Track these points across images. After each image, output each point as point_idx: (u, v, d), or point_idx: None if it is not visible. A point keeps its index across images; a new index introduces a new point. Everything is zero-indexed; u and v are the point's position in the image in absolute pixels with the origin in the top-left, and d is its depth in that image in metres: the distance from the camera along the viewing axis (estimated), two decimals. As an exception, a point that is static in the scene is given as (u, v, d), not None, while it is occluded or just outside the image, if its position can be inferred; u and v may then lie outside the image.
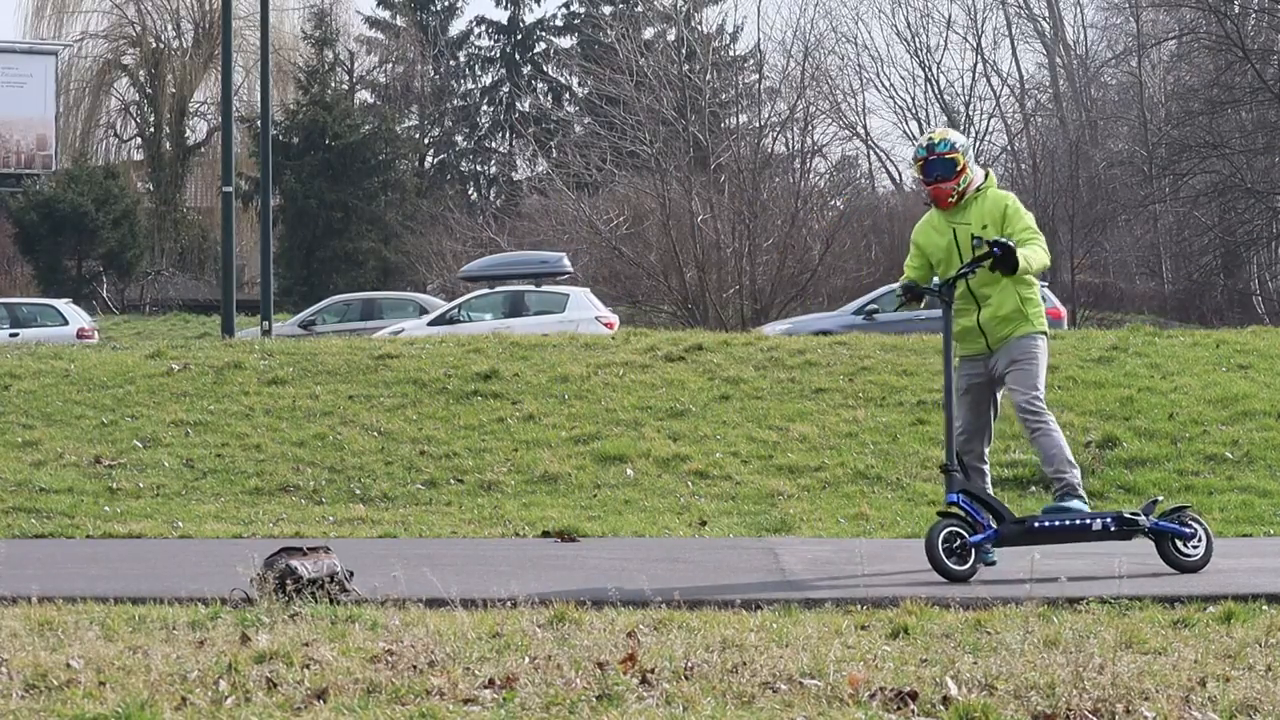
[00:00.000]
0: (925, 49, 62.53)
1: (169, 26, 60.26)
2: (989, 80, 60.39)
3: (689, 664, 6.00)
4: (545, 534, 11.23)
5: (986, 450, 9.29)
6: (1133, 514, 8.93)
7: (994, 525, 8.75)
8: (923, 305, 9.50)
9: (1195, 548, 8.91)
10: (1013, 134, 59.18)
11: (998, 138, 60.52)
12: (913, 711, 5.42)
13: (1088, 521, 8.86)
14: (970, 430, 9.21)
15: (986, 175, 9.32)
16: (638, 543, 10.98)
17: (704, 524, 11.86)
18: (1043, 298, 9.73)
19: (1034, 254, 8.96)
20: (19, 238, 52.02)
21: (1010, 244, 8.79)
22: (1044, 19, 60.14)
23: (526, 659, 6.16)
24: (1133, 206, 48.04)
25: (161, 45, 59.90)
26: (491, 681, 5.78)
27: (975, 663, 6.12)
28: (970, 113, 60.38)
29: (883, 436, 14.03)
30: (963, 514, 8.72)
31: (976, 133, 60.56)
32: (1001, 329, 9.12)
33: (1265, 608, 7.59)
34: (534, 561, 9.67)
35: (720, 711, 5.41)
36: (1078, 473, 9.09)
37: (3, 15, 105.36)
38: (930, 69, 60.29)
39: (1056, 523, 8.85)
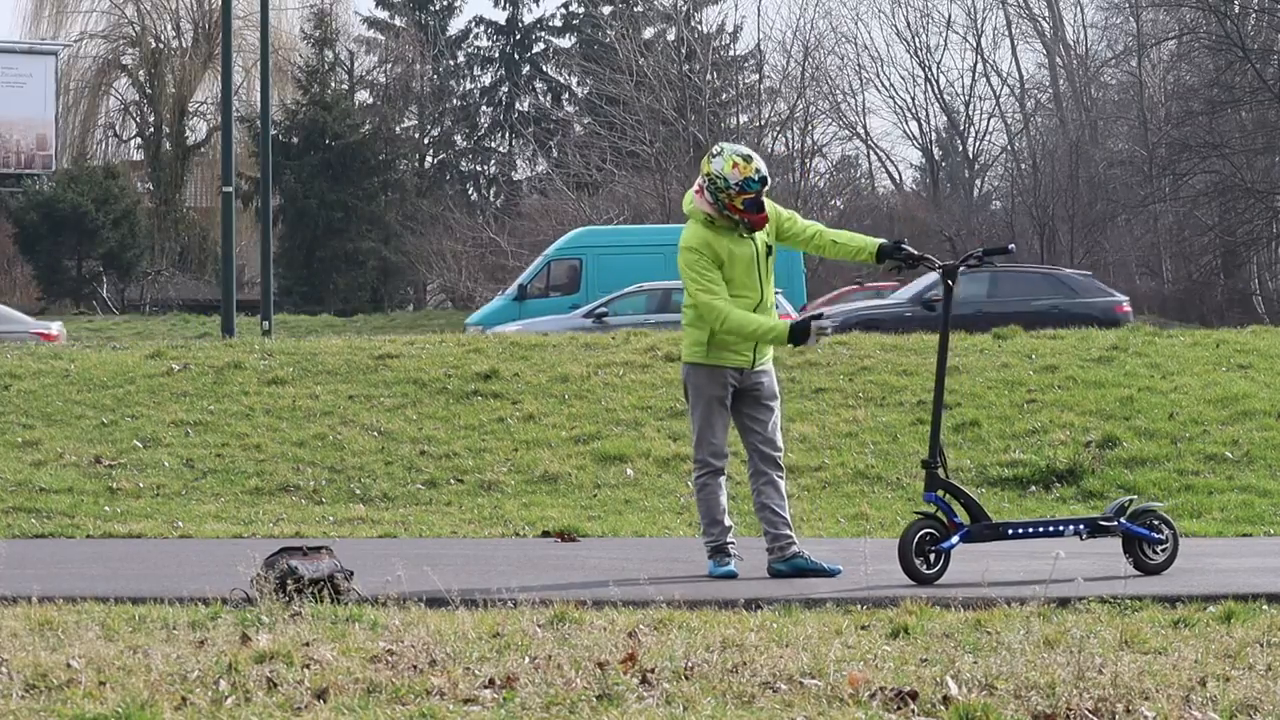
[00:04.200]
0: (925, 49, 62.47)
1: (168, 26, 60.30)
2: (989, 80, 60.43)
3: (689, 664, 6.00)
4: (545, 534, 11.23)
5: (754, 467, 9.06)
6: (1104, 519, 8.94)
7: (966, 525, 8.72)
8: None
9: (1162, 551, 8.88)
10: (1013, 134, 59.19)
11: (998, 138, 60.60)
12: (913, 711, 5.42)
13: (1061, 527, 8.91)
14: (725, 440, 9.01)
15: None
16: (638, 543, 10.98)
17: (704, 524, 11.86)
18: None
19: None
20: (19, 238, 52.04)
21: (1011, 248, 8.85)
22: (1044, 19, 60.13)
23: (527, 659, 6.16)
24: (1133, 206, 48.05)
25: (161, 45, 59.91)
26: (492, 681, 5.78)
27: (975, 662, 6.12)
28: (970, 113, 60.43)
29: (883, 436, 14.03)
30: (937, 514, 8.71)
31: (977, 133, 60.65)
32: (768, 351, 8.98)
33: (1265, 608, 7.59)
34: (534, 561, 9.67)
35: (720, 711, 5.41)
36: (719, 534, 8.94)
37: (2, 15, 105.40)
38: (930, 69, 60.30)
39: (1030, 529, 8.89)
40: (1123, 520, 8.90)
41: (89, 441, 14.19)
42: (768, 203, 8.88)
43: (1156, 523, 8.94)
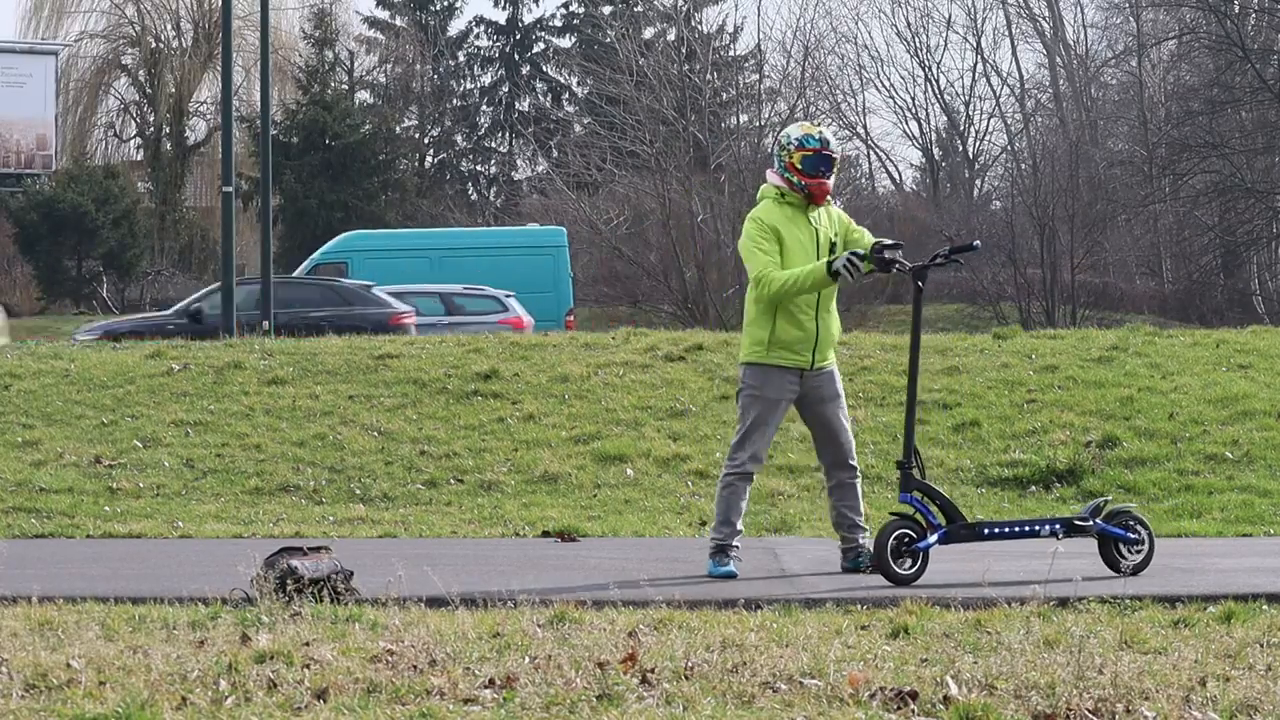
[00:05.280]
0: (925, 49, 62.46)
1: (168, 26, 60.23)
2: (989, 80, 60.43)
3: (689, 664, 6.00)
4: (545, 534, 11.24)
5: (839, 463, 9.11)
6: (1080, 519, 8.95)
7: (944, 526, 8.72)
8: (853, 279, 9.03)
9: (1137, 551, 8.87)
10: (1013, 134, 59.18)
11: (998, 138, 60.58)
12: (913, 711, 5.42)
13: (1037, 527, 8.92)
14: (769, 444, 9.09)
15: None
16: (638, 543, 10.99)
17: (704, 524, 11.86)
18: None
19: None
20: (19, 238, 52.00)
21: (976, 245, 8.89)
22: (1044, 19, 60.14)
23: (527, 659, 6.16)
24: (1133, 206, 48.02)
25: (161, 45, 59.85)
26: (492, 681, 5.78)
27: (975, 662, 6.12)
28: (970, 113, 60.43)
29: (883, 436, 14.03)
30: (914, 515, 8.70)
31: (977, 133, 60.64)
32: (827, 349, 8.99)
33: (1265, 608, 7.59)
34: (534, 561, 9.67)
35: (720, 711, 5.42)
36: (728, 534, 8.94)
37: (2, 15, 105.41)
38: (930, 69, 60.30)
39: (1006, 529, 8.92)
40: (1098, 521, 8.91)
41: (89, 441, 14.19)
42: (840, 210, 9.03)
43: (1132, 523, 8.94)
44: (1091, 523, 8.90)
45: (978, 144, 60.74)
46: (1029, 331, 18.11)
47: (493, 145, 65.53)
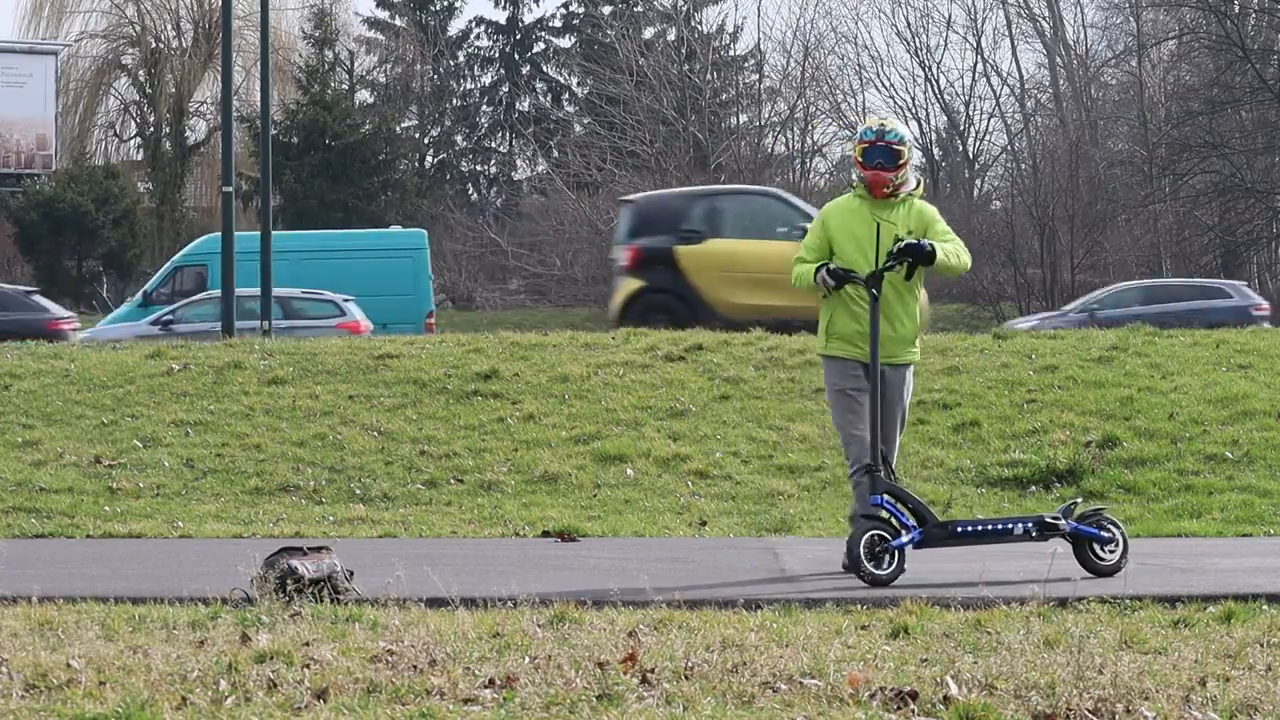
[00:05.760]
0: (925, 49, 62.18)
1: (168, 26, 60.26)
2: (989, 80, 60.38)
3: (689, 664, 6.01)
4: (545, 534, 11.24)
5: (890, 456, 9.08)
6: (1053, 518, 8.94)
7: (917, 527, 8.72)
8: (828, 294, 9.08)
9: (1111, 552, 8.84)
10: (1013, 134, 59.17)
11: (998, 138, 60.54)
12: (913, 711, 5.42)
13: (1010, 526, 8.92)
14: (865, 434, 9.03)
15: (919, 184, 9.26)
16: (638, 543, 10.99)
17: (704, 524, 11.87)
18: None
19: (954, 248, 9.01)
20: (19, 238, 52.02)
21: (926, 245, 8.79)
22: (1044, 19, 60.12)
23: (527, 659, 6.16)
24: (1133, 206, 48.04)
25: (161, 45, 59.87)
26: (492, 681, 5.78)
27: (975, 662, 6.12)
28: (970, 113, 60.38)
29: (883, 436, 14.02)
30: (886, 516, 8.68)
31: (977, 133, 60.63)
32: (894, 347, 8.99)
33: (1265, 608, 7.59)
34: (534, 561, 9.68)
35: (720, 711, 5.42)
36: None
37: (2, 15, 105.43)
38: (930, 69, 60.24)
39: (979, 527, 8.93)
40: (1071, 521, 8.89)
41: (89, 441, 14.20)
42: (928, 206, 9.10)
43: (1105, 524, 8.91)
44: (1064, 523, 8.88)
45: (978, 144, 60.75)
46: (1029, 331, 18.10)
47: (493, 145, 65.54)
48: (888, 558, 8.53)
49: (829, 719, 5.36)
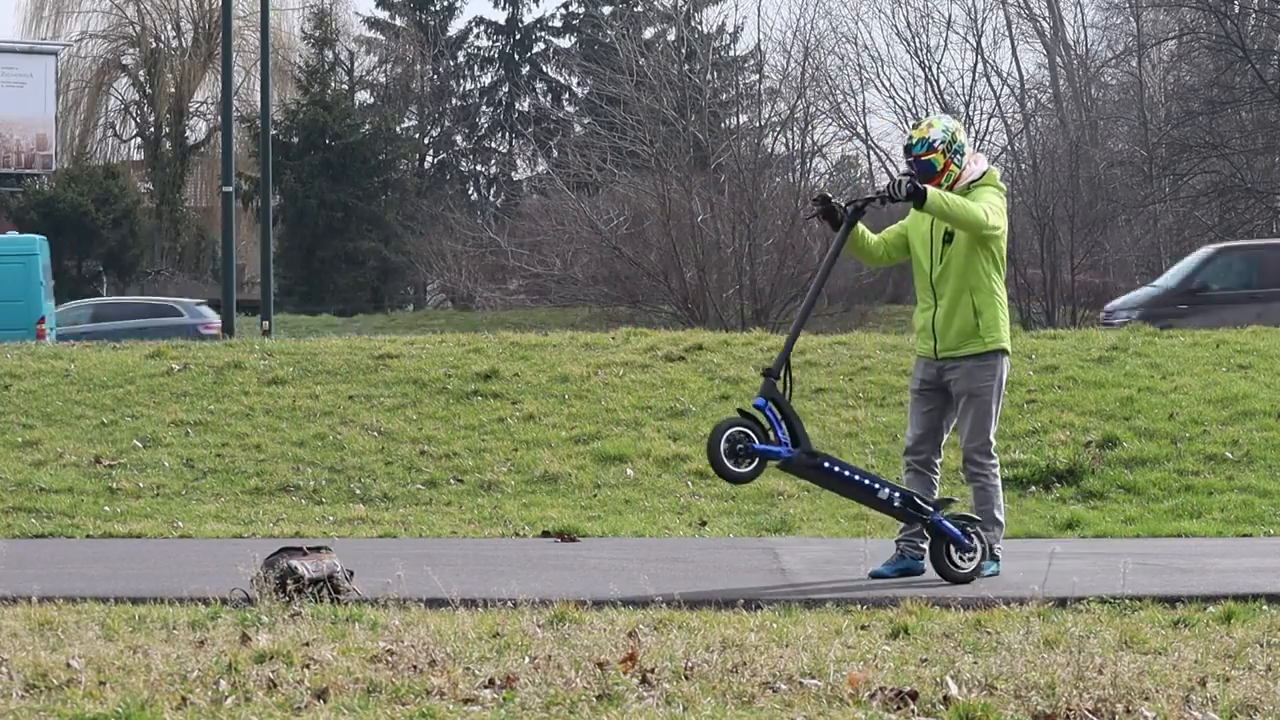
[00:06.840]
0: (925, 49, 62.11)
1: (168, 26, 60.25)
2: (989, 80, 60.34)
3: (689, 664, 6.01)
4: (545, 534, 11.24)
5: (937, 460, 9.04)
6: (923, 502, 8.72)
7: (790, 447, 8.51)
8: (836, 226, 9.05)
9: (968, 560, 8.64)
10: (1013, 134, 59.15)
11: (998, 138, 60.46)
12: (913, 711, 5.42)
13: (876, 486, 8.74)
14: (918, 433, 9.03)
15: (985, 173, 9.20)
16: (638, 543, 10.99)
17: (704, 524, 11.87)
18: None
19: (961, 200, 8.72)
20: (19, 238, 52.03)
21: (907, 184, 8.61)
22: (1044, 19, 60.11)
23: (526, 659, 6.16)
24: (1133, 206, 48.01)
25: (161, 45, 59.87)
26: (491, 681, 5.78)
27: (975, 662, 6.12)
28: (970, 113, 60.30)
29: (883, 436, 14.03)
30: (761, 420, 8.49)
31: (977, 133, 60.57)
32: (953, 338, 8.89)
33: (1265, 608, 7.59)
34: (534, 561, 9.68)
35: (720, 711, 5.42)
36: (1000, 534, 8.93)
37: (2, 15, 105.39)
38: (930, 69, 60.19)
39: (847, 472, 8.74)
40: (938, 513, 8.70)
41: (89, 441, 14.20)
42: (987, 188, 9.04)
43: (971, 532, 8.71)
44: (931, 511, 8.68)
45: (978, 144, 60.69)
46: (1029, 331, 18.09)
47: (493, 145, 65.54)
48: (748, 460, 8.39)
49: (829, 719, 5.36)
